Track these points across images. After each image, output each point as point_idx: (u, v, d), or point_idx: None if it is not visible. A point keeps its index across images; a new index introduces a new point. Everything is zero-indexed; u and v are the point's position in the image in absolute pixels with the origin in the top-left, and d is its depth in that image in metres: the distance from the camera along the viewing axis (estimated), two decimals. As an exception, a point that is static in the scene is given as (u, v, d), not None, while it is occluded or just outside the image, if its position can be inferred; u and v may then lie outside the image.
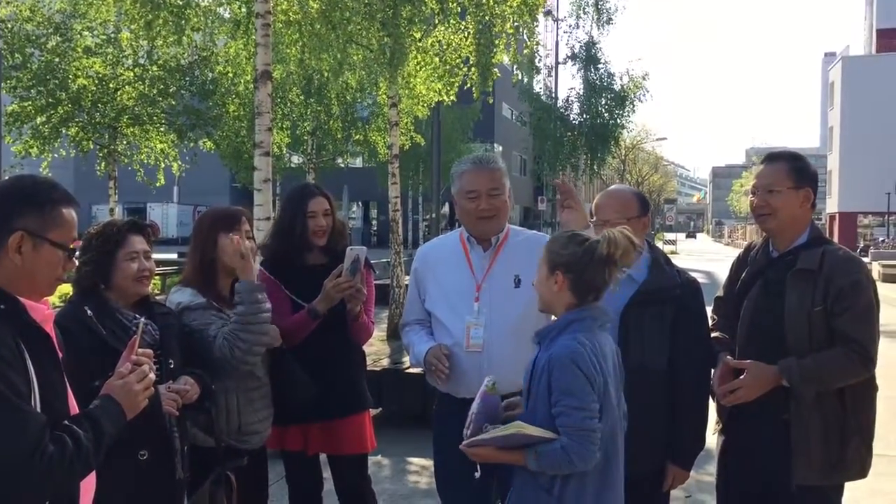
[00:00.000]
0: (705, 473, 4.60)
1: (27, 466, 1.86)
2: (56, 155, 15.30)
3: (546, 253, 2.63)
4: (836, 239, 3.29)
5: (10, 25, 13.57)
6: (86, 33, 14.42)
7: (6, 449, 1.84)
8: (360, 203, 47.15)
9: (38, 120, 14.52)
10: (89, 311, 2.80)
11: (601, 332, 2.59)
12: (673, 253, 41.24)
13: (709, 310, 3.33)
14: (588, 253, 2.53)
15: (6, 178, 2.58)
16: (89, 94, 14.56)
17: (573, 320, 2.54)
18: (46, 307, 2.10)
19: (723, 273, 3.67)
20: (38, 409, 1.95)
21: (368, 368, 4.22)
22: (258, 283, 3.31)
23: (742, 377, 3.03)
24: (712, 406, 3.25)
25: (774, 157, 3.20)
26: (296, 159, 23.70)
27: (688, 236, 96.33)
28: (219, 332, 3.24)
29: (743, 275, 3.27)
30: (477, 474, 2.65)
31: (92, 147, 15.60)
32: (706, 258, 41.39)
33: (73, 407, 2.15)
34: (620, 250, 2.51)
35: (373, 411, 4.00)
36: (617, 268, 2.57)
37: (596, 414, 2.44)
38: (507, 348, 3.14)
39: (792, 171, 3.10)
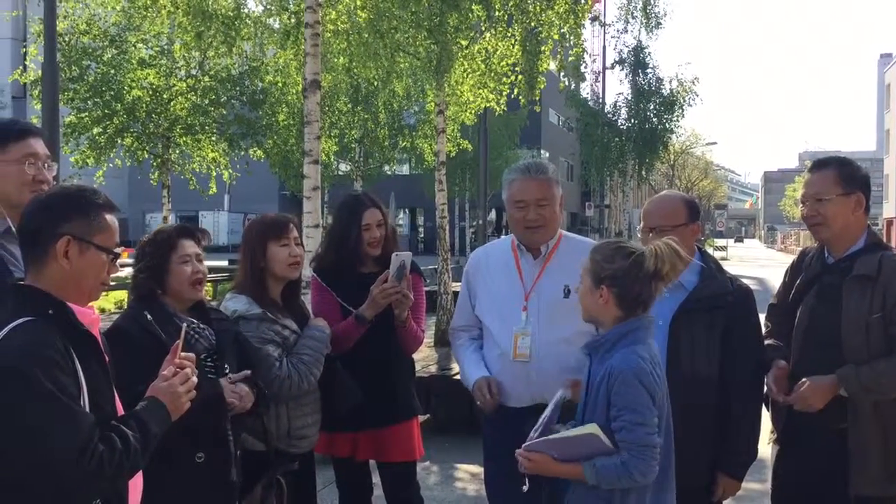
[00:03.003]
0: (756, 482, 4.53)
1: (78, 465, 1.90)
2: (111, 164, 15.61)
3: (591, 263, 2.57)
4: (893, 244, 3.19)
5: (67, 39, 13.90)
6: (140, 45, 14.69)
7: (58, 448, 1.89)
8: (406, 210, 47.34)
9: (95, 130, 14.81)
10: (149, 316, 2.85)
11: (651, 340, 2.56)
12: (724, 259, 40.56)
13: (762, 317, 3.26)
14: (635, 267, 2.48)
15: None
16: (144, 105, 14.84)
17: (626, 332, 2.50)
18: (92, 312, 2.15)
19: (774, 279, 3.61)
20: (87, 411, 2.00)
21: (416, 375, 4.23)
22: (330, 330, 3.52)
23: (802, 386, 2.96)
24: (765, 415, 3.20)
25: (822, 164, 3.13)
26: (343, 167, 23.90)
27: (735, 241, 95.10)
28: (284, 359, 3.32)
29: (798, 281, 3.21)
30: (525, 487, 2.61)
31: (146, 157, 15.88)
32: (758, 264, 40.63)
33: (119, 409, 2.20)
34: (667, 265, 2.47)
35: (421, 418, 4.02)
36: (664, 282, 2.53)
37: (656, 429, 2.41)
38: (555, 358, 3.11)
39: (840, 177, 3.03)
